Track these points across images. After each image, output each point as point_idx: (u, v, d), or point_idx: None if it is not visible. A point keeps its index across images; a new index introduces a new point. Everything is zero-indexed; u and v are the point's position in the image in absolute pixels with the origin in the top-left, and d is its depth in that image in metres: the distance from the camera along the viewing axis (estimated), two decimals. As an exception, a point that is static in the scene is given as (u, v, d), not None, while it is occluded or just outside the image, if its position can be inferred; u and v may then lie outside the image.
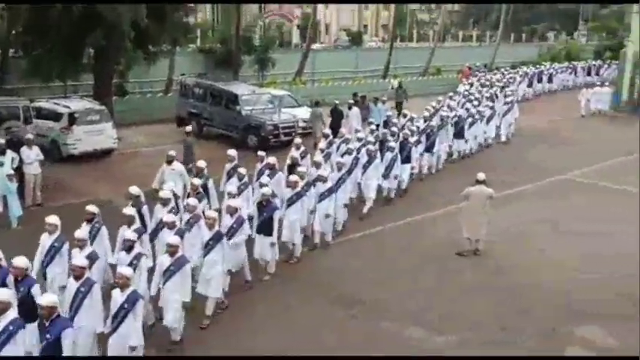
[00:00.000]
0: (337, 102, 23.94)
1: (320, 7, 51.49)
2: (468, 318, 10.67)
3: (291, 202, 12.56)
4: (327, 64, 40.68)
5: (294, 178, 12.84)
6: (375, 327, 10.33)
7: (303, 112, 24.41)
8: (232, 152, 14.51)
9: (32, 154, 15.49)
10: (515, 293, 11.64)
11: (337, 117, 22.92)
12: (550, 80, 39.39)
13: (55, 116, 19.99)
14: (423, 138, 18.90)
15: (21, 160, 15.06)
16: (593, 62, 45.48)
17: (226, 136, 22.76)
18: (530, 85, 36.92)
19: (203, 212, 10.87)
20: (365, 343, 9.85)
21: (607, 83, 36.30)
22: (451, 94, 27.03)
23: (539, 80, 38.28)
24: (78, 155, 19.66)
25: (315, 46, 44.82)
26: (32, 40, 20.79)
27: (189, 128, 18.57)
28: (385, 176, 16.11)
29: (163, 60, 27.31)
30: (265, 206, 11.71)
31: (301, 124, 23.14)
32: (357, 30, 68.98)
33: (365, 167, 15.64)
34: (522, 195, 17.89)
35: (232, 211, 10.99)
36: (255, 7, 54.73)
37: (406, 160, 17.06)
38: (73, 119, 19.64)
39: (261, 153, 15.11)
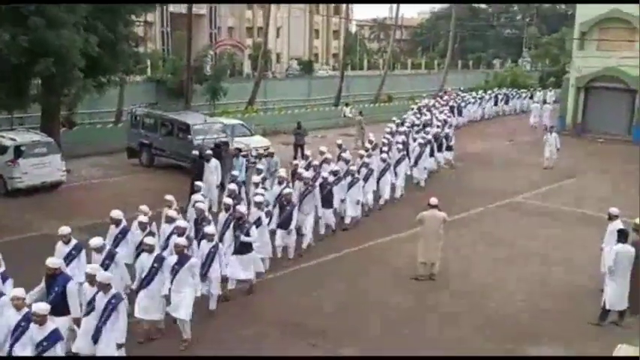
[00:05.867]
0: (196, 152, 18.98)
1: (271, 36, 51.78)
2: (429, 341, 10.68)
3: None
4: (279, 93, 40.93)
5: (39, 309, 7.84)
6: (336, 354, 10.21)
7: (256, 141, 24.32)
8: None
9: (-24, 189, 14.98)
10: (468, 316, 11.73)
11: (201, 171, 18.05)
12: (460, 113, 36.12)
13: (1, 149, 19.42)
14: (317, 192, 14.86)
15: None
16: (500, 91, 44.20)
17: (178, 166, 22.50)
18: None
19: None
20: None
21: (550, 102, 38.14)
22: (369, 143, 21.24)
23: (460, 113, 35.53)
24: (24, 189, 19.11)
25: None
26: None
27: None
28: (202, 279, 10.93)
29: (113, 90, 26.95)
30: None
31: (254, 152, 23.00)
32: (308, 59, 69.61)
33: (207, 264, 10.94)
34: (475, 218, 18.16)
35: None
36: (206, 38, 54.79)
37: (242, 247, 11.93)
38: (19, 152, 19.11)
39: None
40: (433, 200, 13.47)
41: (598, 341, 10.56)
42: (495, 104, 42.40)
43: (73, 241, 10.38)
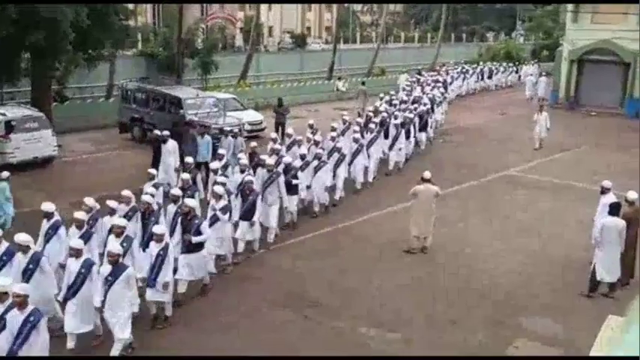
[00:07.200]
0: (157, 132, 17.16)
1: (263, 9, 51.31)
2: (420, 314, 10.77)
3: None
4: (272, 67, 40.72)
5: None
6: (328, 327, 10.29)
7: (249, 115, 24.22)
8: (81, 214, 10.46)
9: (-34, 164, 14.84)
10: (461, 288, 11.82)
11: (157, 154, 16.53)
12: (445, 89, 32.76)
13: (-9, 124, 19.27)
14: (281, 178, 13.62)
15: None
16: (485, 66, 43.08)
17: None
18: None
19: None
20: (318, 343, 9.79)
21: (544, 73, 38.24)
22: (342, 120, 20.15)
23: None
24: (16, 164, 19.00)
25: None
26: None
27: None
28: (151, 284, 9.77)
29: (104, 65, 26.71)
30: None
31: (247, 127, 22.93)
32: (301, 32, 69.07)
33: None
34: (467, 192, 18.21)
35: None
36: (197, 10, 54.20)
37: (191, 246, 10.56)
38: (10, 127, 18.98)
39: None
40: (426, 174, 13.49)
41: (588, 313, 10.67)
42: (482, 79, 41.69)
43: (4, 245, 9.11)
